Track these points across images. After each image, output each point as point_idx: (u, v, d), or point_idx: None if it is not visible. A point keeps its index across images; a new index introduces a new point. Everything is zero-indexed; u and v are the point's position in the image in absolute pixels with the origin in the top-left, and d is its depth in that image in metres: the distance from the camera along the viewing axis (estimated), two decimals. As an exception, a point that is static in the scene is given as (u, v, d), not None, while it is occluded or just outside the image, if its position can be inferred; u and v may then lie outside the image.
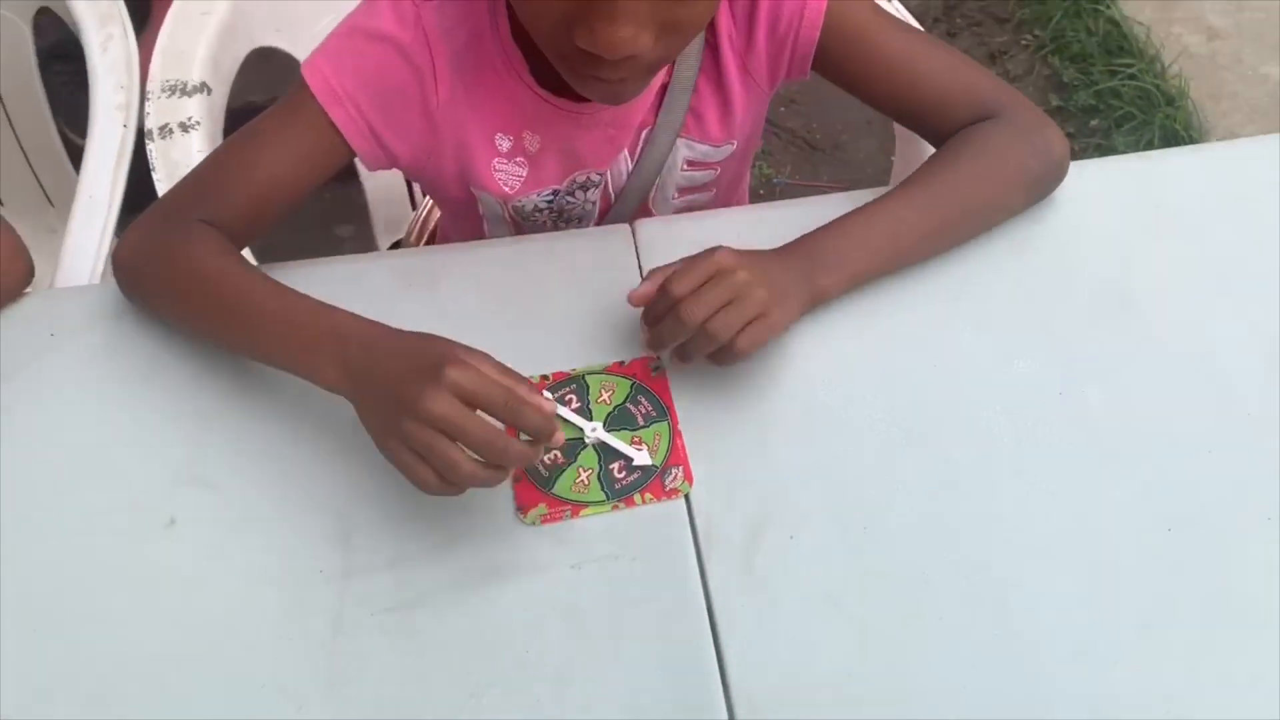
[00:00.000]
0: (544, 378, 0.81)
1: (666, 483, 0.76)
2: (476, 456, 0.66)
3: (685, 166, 0.94)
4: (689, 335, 0.75)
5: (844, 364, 0.82)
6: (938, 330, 0.84)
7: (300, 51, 1.19)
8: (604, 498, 0.76)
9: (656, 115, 0.89)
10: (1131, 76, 2.15)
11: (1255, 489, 0.76)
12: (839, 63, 0.88)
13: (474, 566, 0.73)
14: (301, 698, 0.68)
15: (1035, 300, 0.85)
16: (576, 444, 0.78)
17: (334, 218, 1.84)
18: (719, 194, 1.00)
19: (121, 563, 0.73)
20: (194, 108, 1.06)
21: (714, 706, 0.67)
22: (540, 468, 0.77)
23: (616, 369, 0.82)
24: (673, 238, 0.87)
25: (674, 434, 0.78)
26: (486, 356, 0.69)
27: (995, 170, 0.85)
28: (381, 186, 1.33)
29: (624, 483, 0.76)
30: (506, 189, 0.91)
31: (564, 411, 0.78)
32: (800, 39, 0.86)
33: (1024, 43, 2.31)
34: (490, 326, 0.81)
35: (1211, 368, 0.82)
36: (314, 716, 0.67)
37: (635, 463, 0.77)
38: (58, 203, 1.40)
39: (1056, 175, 0.88)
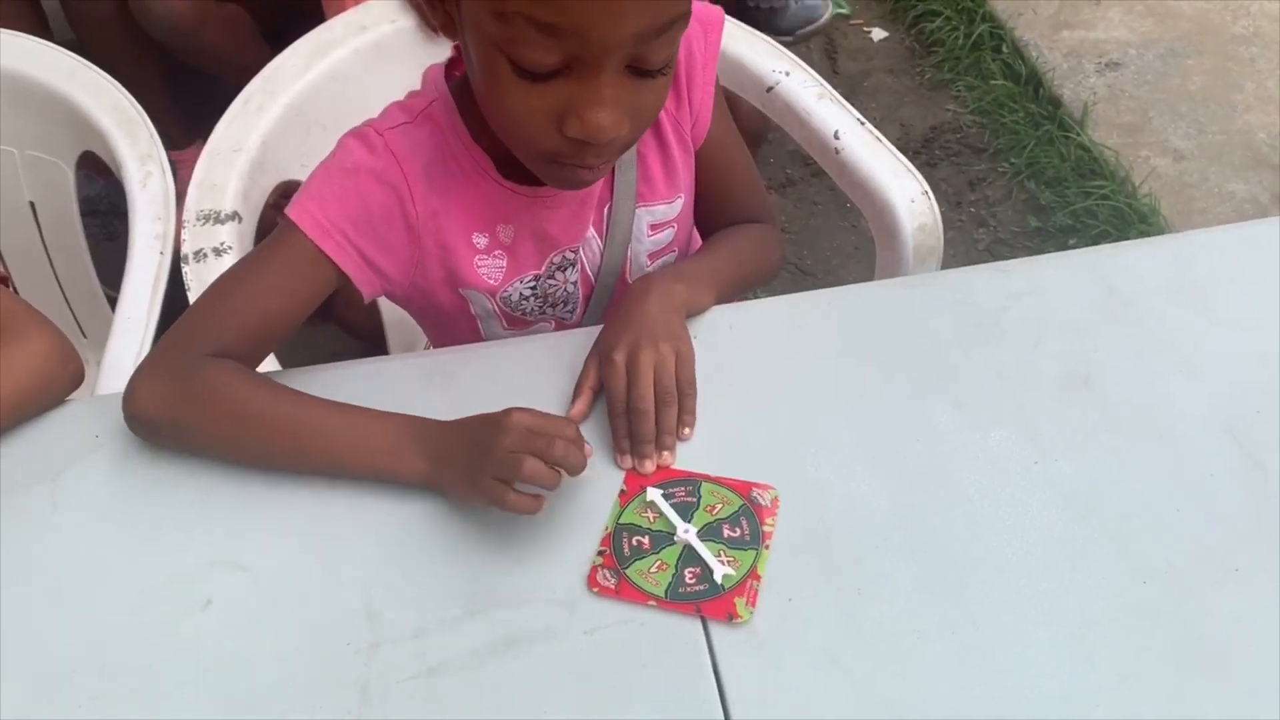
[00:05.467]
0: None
1: (728, 609, 0.77)
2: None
3: (650, 232, 1.03)
4: (653, 417, 0.86)
5: (833, 440, 0.87)
6: (920, 408, 0.89)
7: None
8: (664, 595, 0.78)
9: (612, 190, 0.99)
10: (1105, 197, 2.24)
11: (1220, 543, 0.80)
12: (709, 150, 1.04)
13: (492, 635, 0.77)
14: (332, 761, 0.72)
15: (1007, 379, 0.91)
16: (665, 537, 0.82)
17: (351, 347, 1.92)
18: (680, 252, 1.09)
19: (163, 641, 0.78)
20: (226, 234, 1.14)
21: (721, 757, 0.71)
22: (625, 546, 0.81)
23: (731, 483, 0.84)
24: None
25: (755, 564, 0.79)
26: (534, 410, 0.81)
27: (766, 247, 1.09)
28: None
29: (690, 589, 0.78)
30: (491, 282, 0.98)
31: (663, 505, 0.82)
32: (699, 121, 1.01)
33: (1001, 170, 2.42)
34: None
35: (1171, 436, 0.87)
36: (344, 777, 0.71)
37: (714, 575, 0.78)
38: (90, 334, 1.48)
39: (781, 266, 1.13)
